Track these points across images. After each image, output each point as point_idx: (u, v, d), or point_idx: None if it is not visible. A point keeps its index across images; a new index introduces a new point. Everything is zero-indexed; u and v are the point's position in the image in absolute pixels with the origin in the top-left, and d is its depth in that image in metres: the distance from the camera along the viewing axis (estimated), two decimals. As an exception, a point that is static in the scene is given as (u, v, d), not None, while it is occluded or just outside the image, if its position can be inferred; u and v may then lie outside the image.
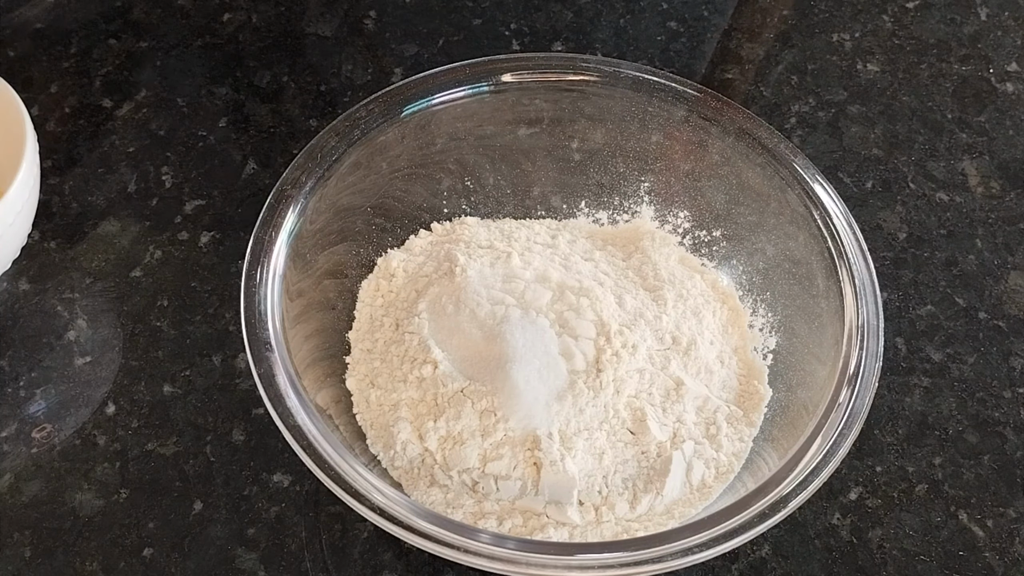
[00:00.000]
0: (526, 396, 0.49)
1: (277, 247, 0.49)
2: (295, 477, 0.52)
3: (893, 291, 0.59)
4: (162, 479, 0.52)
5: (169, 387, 0.55)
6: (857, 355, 0.47)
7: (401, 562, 0.50)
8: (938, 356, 0.57)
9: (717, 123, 0.55)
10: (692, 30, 0.70)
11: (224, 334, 0.57)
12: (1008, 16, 0.72)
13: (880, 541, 0.51)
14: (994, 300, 0.59)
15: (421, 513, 0.43)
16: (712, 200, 0.57)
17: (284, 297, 0.49)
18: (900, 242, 0.61)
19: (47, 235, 0.60)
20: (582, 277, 0.54)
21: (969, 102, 0.67)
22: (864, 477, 0.53)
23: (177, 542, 0.50)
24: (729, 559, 0.51)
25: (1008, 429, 0.55)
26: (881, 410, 0.55)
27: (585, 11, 0.71)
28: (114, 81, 0.66)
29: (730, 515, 0.43)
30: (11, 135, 0.54)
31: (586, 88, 0.56)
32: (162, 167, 0.63)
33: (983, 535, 0.52)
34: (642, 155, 0.58)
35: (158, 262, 0.59)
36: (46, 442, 0.53)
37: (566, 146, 0.58)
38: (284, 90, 0.67)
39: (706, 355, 0.53)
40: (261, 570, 0.50)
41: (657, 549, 0.42)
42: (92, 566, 0.50)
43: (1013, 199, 0.63)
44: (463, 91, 0.55)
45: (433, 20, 0.70)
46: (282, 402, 0.45)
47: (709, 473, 0.50)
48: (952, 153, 0.65)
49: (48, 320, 0.57)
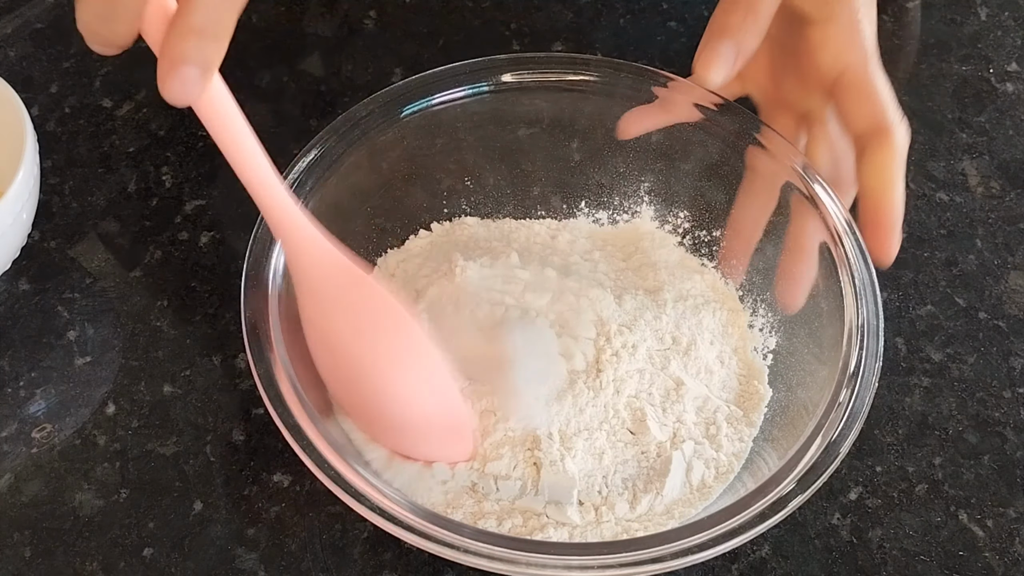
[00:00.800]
0: (525, 396, 0.49)
1: (277, 247, 0.49)
2: (295, 477, 0.52)
3: (893, 291, 0.59)
4: (162, 479, 0.52)
5: (169, 387, 0.55)
6: (857, 355, 0.47)
7: (401, 562, 0.50)
8: (938, 356, 0.57)
9: (717, 123, 0.55)
10: (692, 30, 0.70)
11: (224, 334, 0.57)
12: (1008, 16, 0.72)
13: (880, 541, 0.51)
14: (994, 300, 0.59)
15: (421, 513, 0.43)
16: (712, 200, 0.57)
17: (284, 297, 0.49)
18: (900, 242, 0.61)
19: (47, 235, 0.60)
20: (582, 277, 0.54)
21: (969, 102, 0.67)
22: (864, 477, 0.53)
23: (177, 542, 0.50)
24: (729, 559, 0.51)
25: (1008, 429, 0.55)
26: (881, 410, 0.55)
27: (585, 11, 0.71)
28: (114, 81, 0.66)
29: (730, 515, 0.43)
30: (11, 135, 0.54)
31: (586, 88, 0.56)
32: (162, 167, 0.63)
33: (983, 535, 0.52)
34: (642, 155, 0.58)
35: (158, 262, 0.59)
36: (46, 442, 0.53)
37: (566, 146, 0.58)
38: (284, 90, 0.66)
39: (706, 355, 0.53)
40: (261, 570, 0.50)
41: (657, 549, 0.42)
42: (92, 566, 0.50)
43: (1013, 199, 0.63)
44: (463, 91, 0.55)
45: (433, 20, 0.70)
46: (282, 402, 0.45)
47: (709, 473, 0.50)
48: (952, 153, 0.65)
49: (48, 320, 0.57)
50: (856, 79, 0.51)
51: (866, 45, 0.51)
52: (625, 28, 0.70)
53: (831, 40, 0.51)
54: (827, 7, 0.51)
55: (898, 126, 0.50)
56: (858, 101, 0.51)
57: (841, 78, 0.51)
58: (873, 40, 0.52)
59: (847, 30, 0.51)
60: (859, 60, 0.51)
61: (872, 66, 0.51)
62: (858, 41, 0.51)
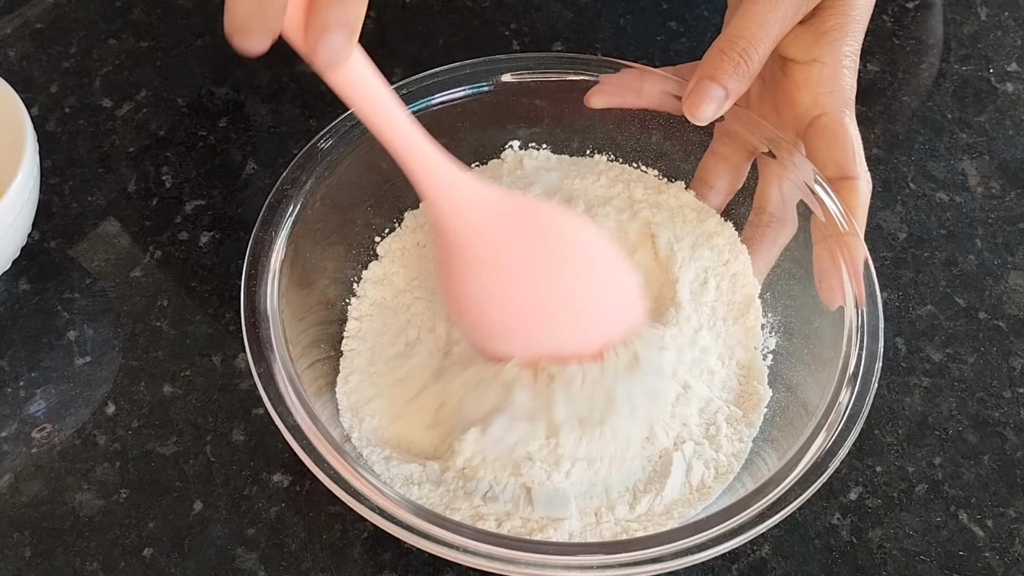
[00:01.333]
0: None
1: (277, 247, 0.49)
2: (295, 477, 0.52)
3: (893, 291, 0.59)
4: (162, 479, 0.52)
5: (169, 387, 0.55)
6: (857, 355, 0.47)
7: (401, 562, 0.50)
8: (938, 356, 0.57)
9: (717, 123, 0.55)
10: (692, 30, 0.70)
11: (224, 334, 0.57)
12: (1008, 16, 0.72)
13: (880, 541, 0.51)
14: (994, 300, 0.59)
15: (421, 513, 0.43)
16: (711, 200, 0.57)
17: (284, 297, 0.49)
18: (900, 242, 0.61)
19: (47, 235, 0.60)
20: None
21: (969, 102, 0.67)
22: (864, 477, 0.53)
23: (177, 542, 0.50)
24: (729, 559, 0.51)
25: (1008, 429, 0.55)
26: (881, 410, 0.55)
27: (585, 11, 0.71)
28: (114, 81, 0.66)
29: (730, 515, 0.43)
30: (11, 135, 0.54)
31: (586, 88, 0.56)
32: (162, 167, 0.63)
33: (983, 535, 0.52)
34: (642, 155, 0.58)
35: (158, 262, 0.59)
36: (46, 442, 0.53)
37: (566, 146, 0.58)
38: (284, 90, 0.67)
39: (709, 356, 0.53)
40: (261, 570, 0.50)
41: (657, 549, 0.42)
42: (92, 566, 0.50)
43: (1013, 199, 0.63)
44: (463, 91, 0.55)
45: (433, 20, 0.70)
46: (282, 402, 0.45)
47: (709, 474, 0.50)
48: (952, 153, 0.65)
49: (48, 320, 0.57)
50: (831, 124, 0.52)
51: (846, 93, 0.53)
52: (625, 28, 0.70)
53: (813, 82, 0.53)
54: (814, 50, 0.53)
55: (864, 177, 0.52)
56: (830, 146, 0.52)
57: (816, 121, 0.52)
58: (852, 90, 0.53)
59: (830, 75, 0.52)
60: (836, 106, 0.52)
61: (848, 115, 0.52)
62: (839, 87, 0.52)
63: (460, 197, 0.48)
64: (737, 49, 0.51)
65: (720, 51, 0.51)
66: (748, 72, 0.51)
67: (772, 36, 0.51)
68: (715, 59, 0.51)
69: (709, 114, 0.52)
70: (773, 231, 0.54)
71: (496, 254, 0.49)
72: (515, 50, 0.69)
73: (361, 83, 0.44)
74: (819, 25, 0.53)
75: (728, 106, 0.52)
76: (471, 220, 0.48)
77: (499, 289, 0.49)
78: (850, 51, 0.53)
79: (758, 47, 0.51)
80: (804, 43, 0.53)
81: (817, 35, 0.52)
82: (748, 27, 0.51)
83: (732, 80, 0.51)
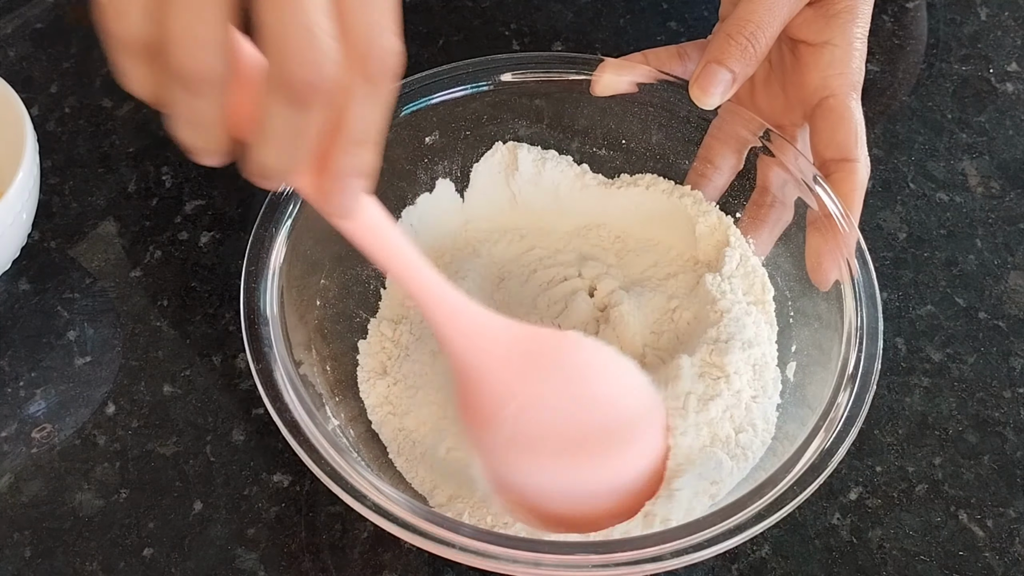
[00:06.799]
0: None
1: (277, 246, 0.49)
2: (295, 477, 0.52)
3: (893, 291, 0.59)
4: (162, 479, 0.52)
5: (169, 387, 0.55)
6: (857, 355, 0.47)
7: (401, 562, 0.50)
8: (938, 356, 0.57)
9: (719, 109, 0.55)
10: (692, 30, 0.70)
11: (224, 334, 0.57)
12: (1008, 16, 0.72)
13: (880, 541, 0.51)
14: (994, 300, 0.59)
15: (421, 513, 0.43)
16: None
17: (284, 296, 0.49)
18: (900, 242, 0.61)
19: (47, 235, 0.60)
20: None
21: (969, 102, 0.67)
22: (864, 477, 0.53)
23: (177, 542, 0.50)
24: (729, 559, 0.51)
25: (1008, 429, 0.55)
26: (881, 410, 0.55)
27: (585, 11, 0.71)
28: (114, 81, 0.66)
29: (729, 515, 0.43)
30: (11, 135, 0.54)
31: (586, 88, 0.56)
32: (162, 167, 0.63)
33: (983, 535, 0.52)
34: (642, 155, 0.58)
35: (158, 262, 0.59)
36: (46, 442, 0.53)
37: (566, 146, 0.58)
38: (284, 90, 0.66)
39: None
40: (261, 570, 0.50)
41: (656, 548, 0.42)
42: (92, 566, 0.50)
43: (1013, 199, 0.63)
44: (463, 91, 0.55)
45: (433, 20, 0.70)
46: (282, 402, 0.45)
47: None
48: (952, 153, 0.65)
49: (48, 320, 0.57)
50: (838, 106, 0.52)
51: (854, 75, 0.53)
52: (625, 28, 0.70)
53: (824, 63, 0.53)
54: (826, 32, 0.53)
55: (863, 161, 0.52)
56: (834, 127, 0.52)
57: (824, 102, 0.52)
58: (861, 73, 0.53)
59: (841, 57, 0.53)
60: (844, 89, 0.52)
61: (855, 98, 0.53)
62: (848, 69, 0.53)
63: (480, 335, 0.45)
64: (744, 33, 0.51)
65: (727, 35, 0.51)
66: (755, 56, 0.51)
67: (779, 20, 0.51)
68: (722, 43, 0.51)
69: (716, 98, 0.52)
70: (776, 212, 0.54)
71: (519, 388, 0.45)
72: (515, 50, 0.69)
73: (374, 228, 0.41)
74: (829, 8, 0.53)
75: (735, 90, 0.52)
76: (495, 357, 0.45)
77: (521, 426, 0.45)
78: (860, 33, 0.53)
79: (765, 31, 0.51)
80: (815, 26, 0.53)
81: (828, 18, 0.53)
82: (756, 11, 0.51)
83: (739, 64, 0.51)
